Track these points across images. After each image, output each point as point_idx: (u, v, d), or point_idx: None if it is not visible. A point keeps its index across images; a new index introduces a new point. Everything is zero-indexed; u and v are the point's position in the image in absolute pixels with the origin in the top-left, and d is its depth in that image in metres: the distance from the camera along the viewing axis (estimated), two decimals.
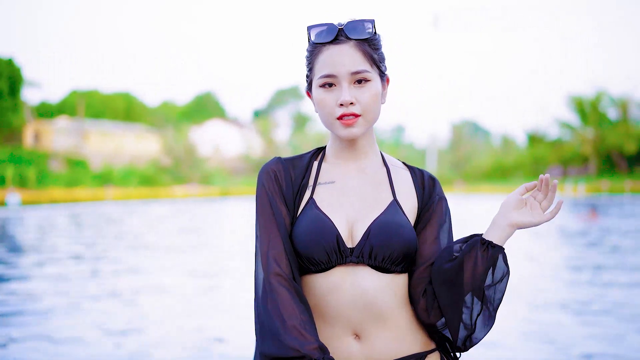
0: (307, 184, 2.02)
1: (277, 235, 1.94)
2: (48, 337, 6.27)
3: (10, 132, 50.67)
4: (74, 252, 13.29)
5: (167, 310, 7.83)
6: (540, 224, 1.96)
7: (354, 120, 1.91)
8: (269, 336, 1.84)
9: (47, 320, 7.13)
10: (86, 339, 6.25)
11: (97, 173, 49.99)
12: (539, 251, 13.42)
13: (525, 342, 6.13)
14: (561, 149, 63.36)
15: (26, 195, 34.05)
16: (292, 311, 1.84)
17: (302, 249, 1.93)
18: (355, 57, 1.91)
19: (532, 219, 1.94)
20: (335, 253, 1.91)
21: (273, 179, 2.01)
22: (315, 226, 1.93)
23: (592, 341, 6.08)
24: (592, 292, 8.68)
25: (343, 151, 2.03)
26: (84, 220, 23.53)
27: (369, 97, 1.91)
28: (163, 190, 46.93)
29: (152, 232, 18.91)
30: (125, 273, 10.56)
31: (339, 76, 1.91)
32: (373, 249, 1.90)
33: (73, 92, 72.08)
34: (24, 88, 50.61)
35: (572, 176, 59.39)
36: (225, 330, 6.77)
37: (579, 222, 20.49)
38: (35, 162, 45.73)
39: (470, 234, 1.99)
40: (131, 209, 31.06)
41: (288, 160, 2.06)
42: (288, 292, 1.87)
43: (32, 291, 8.90)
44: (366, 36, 1.92)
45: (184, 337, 6.46)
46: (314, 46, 1.96)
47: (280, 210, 1.97)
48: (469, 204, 36.30)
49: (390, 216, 1.94)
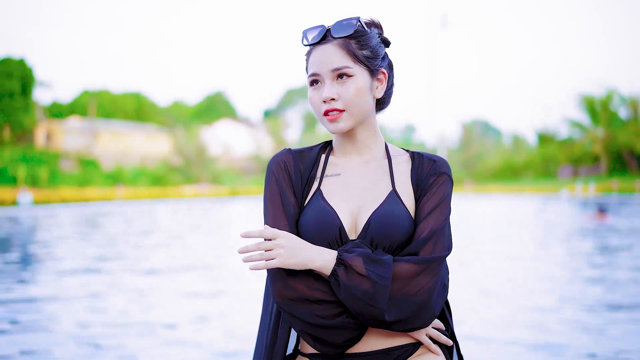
0: (315, 175, 2.10)
1: (285, 225, 2.01)
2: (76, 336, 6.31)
3: (22, 132, 50.95)
4: (86, 253, 13.41)
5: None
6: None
7: (338, 115, 1.99)
8: (279, 284, 1.96)
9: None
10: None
11: (108, 173, 50.17)
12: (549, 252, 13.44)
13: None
14: (572, 148, 63.01)
15: (38, 194, 34.23)
16: (301, 287, 1.93)
17: (306, 239, 1.99)
18: (337, 54, 1.98)
19: None
20: (337, 244, 1.97)
21: (283, 169, 2.09)
22: (319, 217, 2.00)
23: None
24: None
25: (346, 145, 2.11)
26: (94, 219, 23.68)
27: (351, 92, 1.98)
28: (172, 189, 47.06)
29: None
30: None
31: (322, 74, 2.00)
32: (374, 240, 1.96)
33: (84, 92, 72.41)
34: (35, 88, 50.85)
35: (582, 176, 59.20)
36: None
37: (587, 222, 20.49)
38: (46, 162, 45.95)
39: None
40: (141, 208, 31.21)
41: (297, 151, 2.14)
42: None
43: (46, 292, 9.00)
44: (348, 33, 1.99)
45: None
46: (307, 48, 2.06)
47: (290, 200, 2.05)
48: (478, 203, 36.22)
49: (389, 207, 2.00)
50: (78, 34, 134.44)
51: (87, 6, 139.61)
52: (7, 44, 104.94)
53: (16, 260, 12.16)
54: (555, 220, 22.14)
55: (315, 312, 1.93)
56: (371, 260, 1.88)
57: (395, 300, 1.89)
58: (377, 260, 1.88)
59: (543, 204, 35.35)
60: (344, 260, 1.89)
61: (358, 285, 1.87)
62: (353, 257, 1.89)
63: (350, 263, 1.88)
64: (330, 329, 1.93)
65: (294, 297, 1.93)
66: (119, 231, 18.75)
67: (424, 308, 1.93)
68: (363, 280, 1.87)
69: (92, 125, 59.29)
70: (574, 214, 25.79)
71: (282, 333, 2.05)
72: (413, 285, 1.90)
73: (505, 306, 7.59)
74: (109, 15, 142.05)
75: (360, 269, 1.87)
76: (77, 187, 42.27)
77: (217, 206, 35.09)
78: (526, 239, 16.07)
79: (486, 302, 7.90)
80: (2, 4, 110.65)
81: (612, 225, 18.92)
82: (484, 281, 9.42)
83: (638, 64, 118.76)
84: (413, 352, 2.02)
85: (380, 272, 1.87)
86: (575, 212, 26.55)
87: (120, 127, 63.23)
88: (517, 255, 12.46)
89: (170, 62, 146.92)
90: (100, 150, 56.45)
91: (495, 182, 61.76)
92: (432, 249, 1.96)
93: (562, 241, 14.98)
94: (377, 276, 1.86)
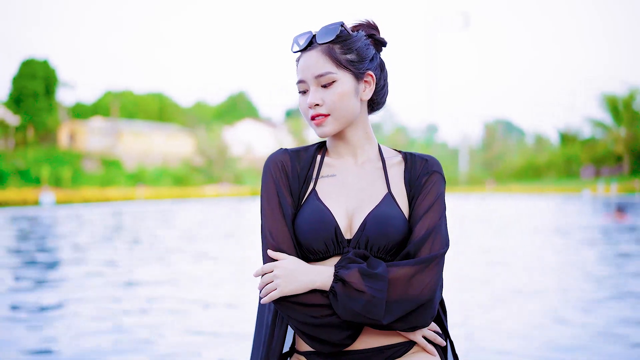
0: (311, 176, 2.12)
1: (283, 224, 2.05)
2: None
3: (46, 132, 51.40)
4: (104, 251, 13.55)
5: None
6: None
7: (323, 119, 2.03)
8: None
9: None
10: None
11: (130, 173, 50.40)
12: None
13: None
14: (594, 148, 62.38)
15: (60, 194, 34.49)
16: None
17: (302, 239, 2.03)
18: (319, 60, 2.02)
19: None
20: (333, 243, 2.01)
21: (280, 169, 2.11)
22: (315, 217, 2.03)
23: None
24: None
25: (338, 147, 2.14)
26: (116, 218, 23.86)
27: (334, 96, 2.01)
28: (194, 190, 47.23)
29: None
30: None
31: (307, 81, 2.04)
32: (369, 241, 1.99)
33: (107, 92, 72.89)
34: (59, 89, 51.37)
35: (604, 176, 58.67)
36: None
37: (607, 221, 20.37)
38: (69, 162, 46.29)
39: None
40: (162, 208, 31.38)
41: (294, 151, 2.16)
42: None
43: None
44: (330, 39, 2.02)
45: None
46: (297, 55, 2.11)
47: (287, 200, 2.07)
48: (499, 203, 36.03)
49: (385, 208, 2.02)
50: (102, 35, 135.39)
51: (111, 7, 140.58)
52: (31, 45, 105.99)
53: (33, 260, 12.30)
54: (570, 221, 21.99)
55: (311, 313, 1.96)
56: (367, 275, 1.91)
57: (395, 303, 1.93)
58: (373, 274, 1.91)
59: (563, 204, 35.13)
60: (341, 277, 1.93)
61: (355, 301, 1.91)
62: (350, 273, 1.92)
63: (348, 279, 1.92)
64: (326, 327, 1.97)
65: (290, 300, 1.98)
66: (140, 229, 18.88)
67: (428, 307, 1.96)
68: (361, 295, 1.90)
69: (114, 126, 59.61)
70: (593, 213, 25.61)
71: (278, 331, 2.09)
72: (415, 286, 1.94)
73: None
74: (133, 16, 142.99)
75: (358, 285, 1.91)
76: (99, 187, 42.56)
77: (241, 206, 35.15)
78: (533, 240, 15.98)
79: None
80: (26, 6, 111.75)
81: (632, 225, 18.82)
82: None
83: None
84: (407, 350, 2.05)
85: (377, 286, 1.90)
86: (594, 212, 26.36)
87: (143, 128, 63.47)
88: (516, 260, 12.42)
89: (193, 63, 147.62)
90: (122, 151, 56.72)
91: (517, 182, 61.35)
92: (430, 248, 1.99)
93: (581, 243, 14.88)
94: (374, 290, 1.90)
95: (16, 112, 49.14)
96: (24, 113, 48.88)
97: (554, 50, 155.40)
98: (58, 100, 52.79)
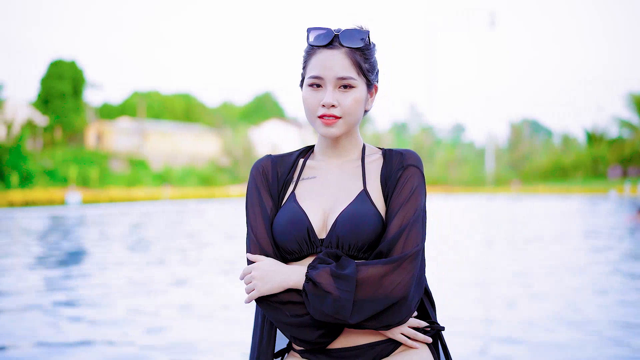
0: (291, 179, 2.19)
1: (263, 227, 2.12)
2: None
3: (73, 133, 51.75)
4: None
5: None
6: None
7: (334, 121, 2.08)
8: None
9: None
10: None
11: (157, 173, 50.57)
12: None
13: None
14: (621, 148, 61.54)
15: (87, 194, 34.74)
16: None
17: (278, 240, 2.09)
18: (344, 63, 2.06)
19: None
20: (306, 243, 2.06)
21: (261, 174, 2.19)
22: (289, 218, 2.09)
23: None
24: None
25: (327, 149, 2.20)
26: (141, 218, 24.02)
27: (351, 102, 2.07)
28: (219, 189, 47.34)
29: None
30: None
31: (326, 79, 2.07)
32: (340, 239, 2.03)
33: (134, 93, 73.15)
34: (86, 89, 51.65)
35: (632, 176, 57.93)
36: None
37: (626, 222, 20.20)
38: (97, 163, 46.56)
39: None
40: (185, 208, 31.51)
41: (278, 157, 2.23)
42: None
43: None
44: (358, 45, 2.06)
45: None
46: (311, 47, 2.12)
47: (267, 203, 2.15)
48: (525, 204, 35.76)
49: (357, 206, 2.06)
50: (130, 36, 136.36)
51: (138, 8, 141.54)
52: (59, 46, 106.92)
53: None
54: (592, 221, 21.82)
55: (289, 312, 2.02)
56: (335, 275, 1.95)
57: (366, 303, 1.96)
58: (341, 275, 1.95)
59: (589, 204, 34.82)
60: (311, 277, 1.98)
61: (324, 301, 1.96)
62: (318, 273, 1.97)
63: (316, 280, 1.97)
64: (301, 326, 2.02)
65: (269, 299, 2.05)
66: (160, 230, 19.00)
67: (402, 305, 1.98)
68: (328, 295, 1.95)
69: (141, 126, 59.83)
70: (617, 213, 25.38)
71: (267, 331, 2.15)
72: (386, 285, 1.96)
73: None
74: (158, 17, 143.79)
75: (325, 285, 1.96)
76: (126, 187, 42.79)
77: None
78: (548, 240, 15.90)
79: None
80: (56, 7, 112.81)
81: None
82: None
83: None
84: (398, 346, 2.09)
85: (344, 287, 1.94)
86: (618, 212, 26.12)
87: (169, 128, 63.67)
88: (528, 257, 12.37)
89: (220, 63, 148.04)
90: (149, 151, 56.87)
91: (544, 183, 60.73)
92: (403, 246, 2.00)
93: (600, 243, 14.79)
94: (340, 291, 1.94)
95: (44, 112, 49.53)
96: (52, 113, 49.26)
97: (582, 50, 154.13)
98: (85, 100, 53.05)
